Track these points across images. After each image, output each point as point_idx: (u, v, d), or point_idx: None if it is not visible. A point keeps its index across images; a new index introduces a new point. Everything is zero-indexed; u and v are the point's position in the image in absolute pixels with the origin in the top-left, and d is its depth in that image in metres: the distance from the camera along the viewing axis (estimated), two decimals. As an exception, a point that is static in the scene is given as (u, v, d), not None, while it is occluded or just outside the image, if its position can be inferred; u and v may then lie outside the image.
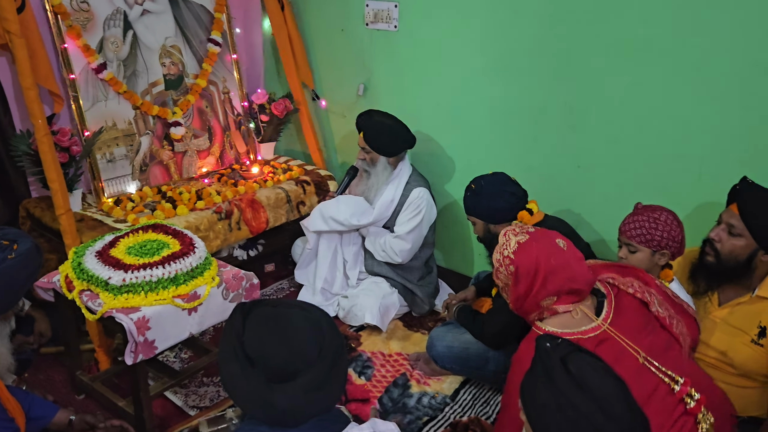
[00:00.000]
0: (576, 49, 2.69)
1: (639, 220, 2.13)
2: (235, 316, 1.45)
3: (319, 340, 1.41)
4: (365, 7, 3.36)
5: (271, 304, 1.47)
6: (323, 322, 1.45)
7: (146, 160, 3.20)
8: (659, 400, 1.65)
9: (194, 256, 2.28)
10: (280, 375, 1.37)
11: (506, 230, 1.93)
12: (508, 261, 1.86)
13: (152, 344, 2.10)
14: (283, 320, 1.41)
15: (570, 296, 1.82)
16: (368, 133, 3.04)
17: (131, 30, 3.11)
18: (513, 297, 1.89)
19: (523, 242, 1.85)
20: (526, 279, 1.82)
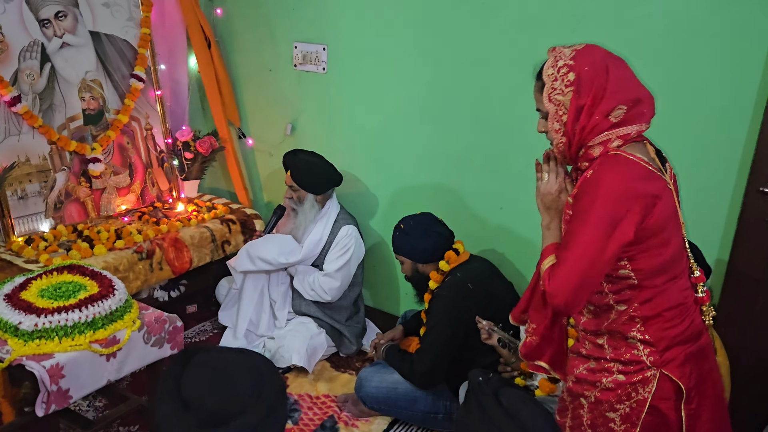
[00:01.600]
0: (497, 95, 2.82)
1: None
2: (175, 359, 1.42)
3: (257, 384, 1.38)
4: (294, 49, 3.39)
5: (214, 350, 1.45)
6: (264, 367, 1.43)
7: (61, 198, 3.06)
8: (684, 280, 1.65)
9: (113, 299, 2.18)
10: (214, 419, 1.33)
11: (552, 49, 1.64)
12: (566, 69, 1.57)
13: (66, 393, 1.98)
14: (223, 364, 1.39)
15: (637, 114, 1.57)
16: (295, 171, 3.04)
17: (49, 62, 3.00)
18: (573, 116, 1.56)
19: (579, 48, 1.60)
20: (591, 84, 1.54)
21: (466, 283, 2.49)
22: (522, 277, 2.91)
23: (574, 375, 1.71)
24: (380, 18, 3.06)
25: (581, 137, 1.58)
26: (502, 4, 2.70)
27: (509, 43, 2.72)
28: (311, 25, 3.31)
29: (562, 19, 2.57)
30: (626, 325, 1.60)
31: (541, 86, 1.63)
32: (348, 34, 3.19)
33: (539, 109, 1.67)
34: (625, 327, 1.60)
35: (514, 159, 2.83)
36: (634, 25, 2.43)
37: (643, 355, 1.59)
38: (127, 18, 3.32)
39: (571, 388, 1.71)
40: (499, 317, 2.43)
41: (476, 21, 2.78)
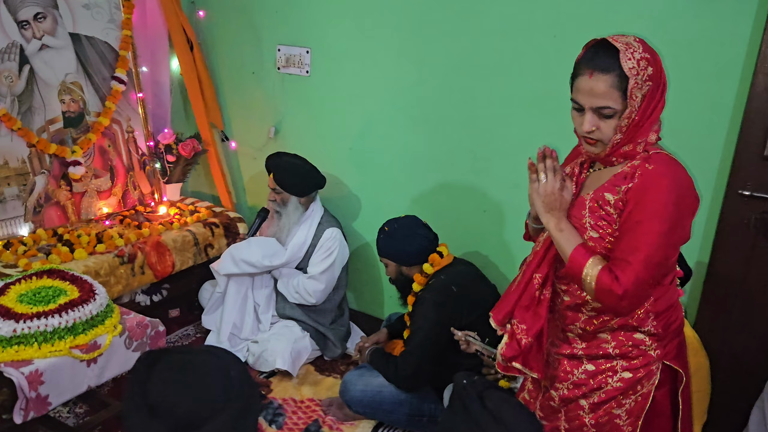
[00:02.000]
0: (480, 99, 2.83)
1: None
2: (140, 365, 1.38)
3: (226, 386, 1.35)
4: (277, 52, 3.38)
5: (180, 351, 1.41)
6: (233, 368, 1.40)
7: (41, 201, 3.02)
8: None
9: (94, 303, 2.16)
10: (184, 425, 1.31)
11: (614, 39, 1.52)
12: (644, 63, 1.48)
13: (45, 400, 1.95)
14: (190, 367, 1.35)
15: None
16: (278, 173, 3.03)
17: (28, 64, 2.96)
18: (642, 112, 1.50)
19: (638, 39, 1.53)
20: (661, 78, 1.52)
21: (449, 286, 2.49)
22: (506, 280, 2.91)
23: (570, 380, 1.69)
24: (364, 21, 3.06)
25: (635, 134, 1.52)
26: (486, 9, 2.72)
27: (492, 46, 2.73)
28: (295, 28, 3.31)
29: (544, 23, 2.59)
30: (642, 320, 1.60)
31: (618, 81, 1.47)
32: (332, 37, 3.19)
33: (605, 107, 1.50)
34: (642, 321, 1.61)
35: (498, 162, 2.84)
36: (615, 29, 2.45)
37: (651, 349, 1.61)
38: (108, 20, 3.29)
39: (566, 394, 1.70)
40: (483, 320, 2.43)
41: (460, 24, 2.80)
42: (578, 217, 1.61)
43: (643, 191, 1.49)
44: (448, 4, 2.80)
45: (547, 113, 2.67)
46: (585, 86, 1.54)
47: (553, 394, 1.74)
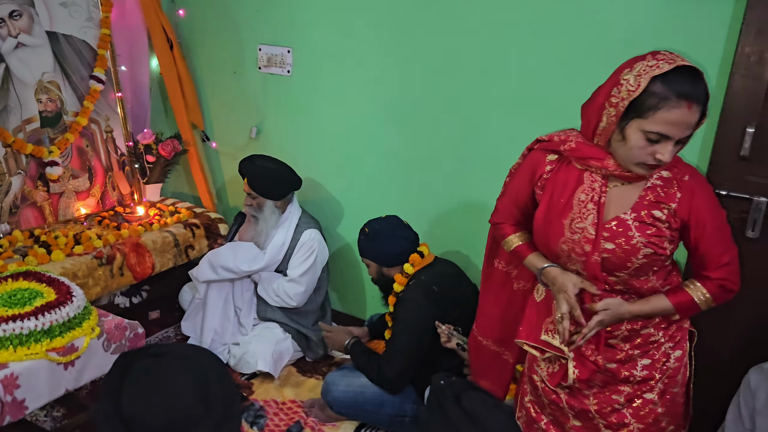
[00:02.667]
0: (463, 99, 2.84)
1: None
2: (113, 371, 1.32)
3: (204, 394, 1.29)
4: (258, 51, 3.37)
5: (153, 354, 1.36)
6: (210, 371, 1.32)
7: (17, 202, 2.97)
8: None
9: (72, 306, 2.12)
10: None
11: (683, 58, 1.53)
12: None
13: (22, 404, 1.92)
14: (164, 375, 1.29)
15: None
16: (252, 178, 3.00)
17: (3, 63, 2.91)
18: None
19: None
20: None
21: (430, 286, 2.50)
22: (487, 279, 2.92)
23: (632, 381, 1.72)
24: (346, 20, 3.06)
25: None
26: (469, 8, 2.72)
27: (475, 46, 2.74)
28: (276, 28, 3.29)
29: (526, 23, 2.60)
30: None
31: (703, 111, 1.50)
32: (313, 37, 3.18)
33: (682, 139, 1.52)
34: None
35: (480, 162, 2.85)
36: (595, 30, 2.48)
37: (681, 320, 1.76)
38: (86, 18, 3.25)
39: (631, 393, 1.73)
40: (465, 319, 2.45)
41: (443, 24, 2.80)
42: (626, 238, 1.61)
43: (698, 202, 1.61)
44: (430, 4, 2.81)
45: (529, 113, 2.68)
46: (682, 119, 1.48)
47: (614, 397, 1.75)
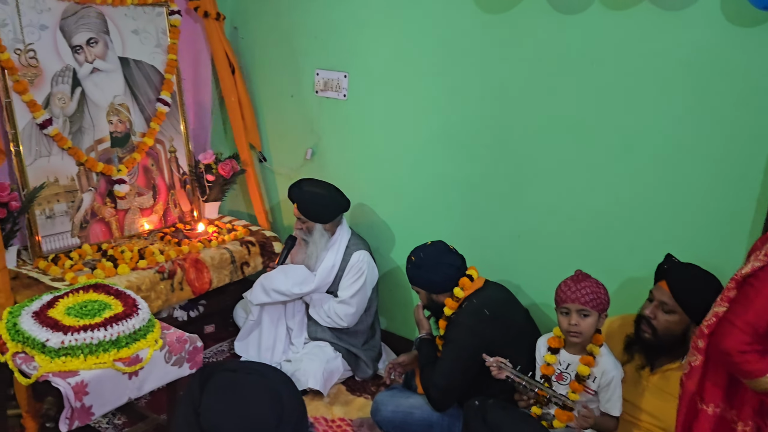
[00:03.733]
0: (516, 124, 2.87)
1: (587, 286, 2.22)
2: (193, 384, 1.39)
3: (277, 410, 1.35)
4: (315, 76, 3.47)
5: (231, 369, 1.42)
6: (283, 390, 1.38)
7: (87, 217, 3.14)
8: None
9: (137, 318, 2.23)
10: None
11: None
12: None
13: (89, 410, 2.02)
14: (241, 389, 1.36)
15: None
16: (301, 203, 3.09)
17: (80, 87, 3.10)
18: None
19: None
20: None
21: (482, 309, 2.51)
22: (538, 307, 2.92)
23: None
24: (401, 47, 3.13)
25: None
26: (522, 36, 2.76)
27: (528, 73, 2.77)
28: (333, 53, 3.39)
29: (580, 52, 2.62)
30: None
31: None
32: (369, 62, 3.27)
33: None
34: None
35: (533, 187, 2.86)
36: (653, 57, 2.48)
37: None
38: (155, 44, 3.43)
39: None
40: (517, 342, 2.45)
41: (496, 51, 2.84)
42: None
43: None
44: (483, 32, 2.86)
45: (582, 140, 2.69)
46: None
47: None
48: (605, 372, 2.26)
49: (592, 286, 2.23)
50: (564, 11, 2.63)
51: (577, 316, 2.24)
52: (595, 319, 2.24)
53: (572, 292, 2.24)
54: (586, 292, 2.22)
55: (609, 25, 2.54)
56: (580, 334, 2.24)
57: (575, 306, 2.23)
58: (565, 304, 2.26)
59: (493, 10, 2.81)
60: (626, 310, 2.50)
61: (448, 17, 2.95)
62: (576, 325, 2.23)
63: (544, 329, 2.60)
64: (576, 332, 2.24)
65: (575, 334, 2.25)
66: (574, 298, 2.23)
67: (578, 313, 2.24)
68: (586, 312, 2.23)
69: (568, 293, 2.24)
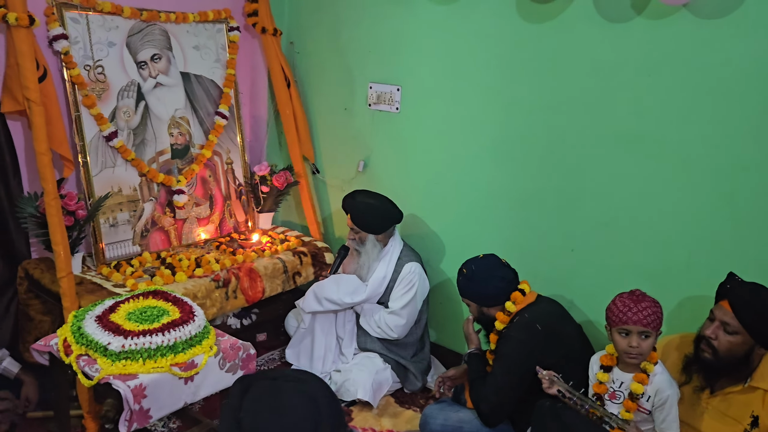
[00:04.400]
0: (569, 137, 2.83)
1: (648, 307, 2.15)
2: (234, 391, 1.44)
3: (315, 416, 1.38)
4: (369, 89, 3.52)
5: (271, 377, 1.46)
6: (320, 396, 1.42)
7: (147, 226, 3.25)
8: None
9: (193, 324, 2.30)
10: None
11: None
12: None
13: (147, 413, 2.09)
14: (280, 396, 1.39)
15: None
16: (354, 214, 3.12)
17: (144, 101, 3.23)
18: None
19: None
20: None
21: (534, 324, 2.47)
22: (592, 323, 2.86)
23: None
24: (453, 60, 3.15)
25: None
26: (576, 48, 2.73)
27: (582, 84, 2.74)
28: (386, 67, 3.43)
29: (638, 63, 2.58)
30: None
31: None
32: (421, 76, 3.29)
33: None
34: None
35: (587, 201, 2.82)
36: (712, 69, 2.41)
37: None
38: (215, 60, 3.55)
39: None
40: (570, 359, 2.40)
41: (549, 63, 2.82)
42: None
43: None
44: (537, 44, 2.84)
45: (638, 152, 2.64)
46: None
47: None
48: (660, 391, 2.18)
49: (652, 307, 2.16)
50: (615, 20, 2.60)
51: (638, 337, 2.16)
52: (654, 339, 2.18)
53: (633, 314, 2.15)
54: (648, 313, 2.14)
55: (663, 36, 2.49)
56: (641, 355, 2.18)
57: (637, 328, 2.15)
58: (625, 326, 2.17)
59: (545, 20, 2.79)
60: (684, 328, 2.42)
61: (500, 30, 2.95)
62: (637, 347, 2.16)
63: (597, 346, 2.55)
64: (636, 354, 2.17)
65: (635, 356, 2.18)
66: (636, 319, 2.14)
67: (639, 334, 2.16)
68: (647, 333, 2.16)
69: (629, 314, 2.15)
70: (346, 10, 3.54)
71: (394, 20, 3.34)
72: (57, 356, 2.26)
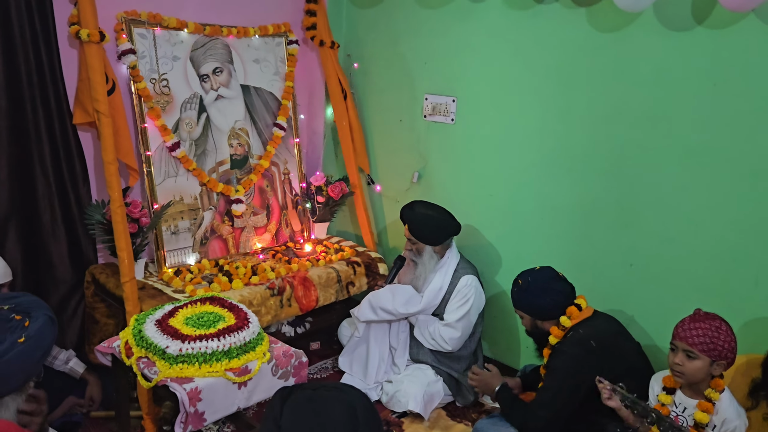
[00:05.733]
0: (629, 149, 2.75)
1: (701, 328, 2.07)
2: (275, 400, 1.46)
3: (353, 424, 1.39)
4: (424, 101, 3.53)
5: (311, 387, 1.48)
6: (359, 406, 1.43)
7: (207, 234, 3.35)
8: None
9: (248, 331, 2.34)
10: None
11: None
12: None
13: (202, 416, 2.13)
14: (319, 404, 1.41)
15: None
16: (412, 225, 3.12)
17: (205, 113, 3.34)
18: None
19: None
20: None
21: (588, 340, 2.41)
22: (652, 340, 2.76)
23: None
24: (509, 71, 3.12)
25: None
26: (637, 58, 2.66)
27: (643, 95, 2.67)
28: (442, 78, 3.44)
29: (701, 72, 2.49)
30: None
31: None
32: (477, 87, 3.27)
33: None
34: None
35: (646, 215, 2.73)
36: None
37: None
38: (274, 72, 3.63)
39: None
40: (627, 377, 2.32)
41: (609, 74, 2.76)
42: None
43: None
44: (595, 54, 2.79)
45: (702, 164, 2.54)
46: None
47: None
48: (727, 421, 2.08)
49: (708, 330, 2.07)
50: (678, 29, 2.52)
51: (683, 355, 2.10)
52: (705, 363, 2.08)
53: (683, 330, 2.11)
54: (698, 334, 2.07)
55: (728, 43, 2.40)
56: (683, 375, 2.11)
57: (683, 345, 2.10)
58: (674, 341, 2.14)
59: (605, 30, 2.74)
60: (751, 350, 2.30)
61: (559, 40, 2.91)
62: (680, 365, 2.11)
63: (657, 366, 2.46)
64: (679, 372, 2.11)
65: (678, 374, 2.13)
66: (683, 336, 2.10)
67: (684, 353, 2.10)
68: (693, 354, 2.08)
69: (680, 330, 2.12)
70: (403, 22, 3.57)
71: (450, 32, 3.34)
72: (119, 358, 2.35)
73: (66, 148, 2.95)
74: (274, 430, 1.39)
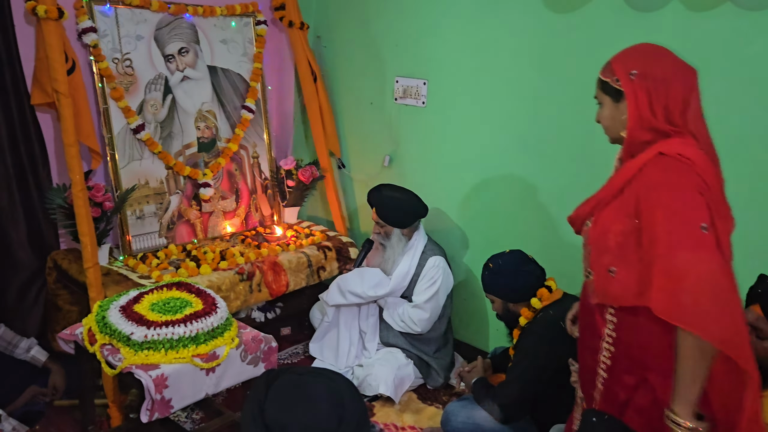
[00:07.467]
0: (600, 131, 2.75)
1: None
2: (260, 382, 1.45)
3: (339, 412, 1.39)
4: (395, 83, 3.49)
5: (297, 372, 1.47)
6: (345, 393, 1.43)
7: (174, 219, 3.28)
8: None
9: (216, 316, 2.30)
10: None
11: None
12: None
13: (168, 403, 2.10)
14: (305, 389, 1.41)
15: None
16: (380, 207, 3.11)
17: (171, 94, 3.25)
18: None
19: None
20: None
21: (558, 321, 2.42)
22: (620, 320, 2.78)
23: None
24: (480, 54, 3.10)
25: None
26: (608, 40, 2.66)
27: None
28: (413, 61, 3.40)
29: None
30: None
31: None
32: (448, 70, 3.25)
33: None
34: None
35: (615, 197, 2.75)
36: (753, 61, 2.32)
37: None
38: (242, 53, 3.56)
39: None
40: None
41: (578, 59, 2.76)
42: None
43: None
44: (566, 36, 2.78)
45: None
46: None
47: None
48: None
49: None
50: (648, 9, 2.52)
51: None
52: None
53: None
54: None
55: (700, 26, 2.41)
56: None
57: None
58: None
59: (575, 11, 2.73)
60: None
61: (527, 24, 2.89)
62: None
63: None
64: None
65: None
66: None
67: None
68: None
69: None
70: (373, 3, 3.52)
71: (421, 14, 3.31)
72: (82, 345, 2.29)
73: (24, 129, 2.86)
74: (258, 412, 1.37)
